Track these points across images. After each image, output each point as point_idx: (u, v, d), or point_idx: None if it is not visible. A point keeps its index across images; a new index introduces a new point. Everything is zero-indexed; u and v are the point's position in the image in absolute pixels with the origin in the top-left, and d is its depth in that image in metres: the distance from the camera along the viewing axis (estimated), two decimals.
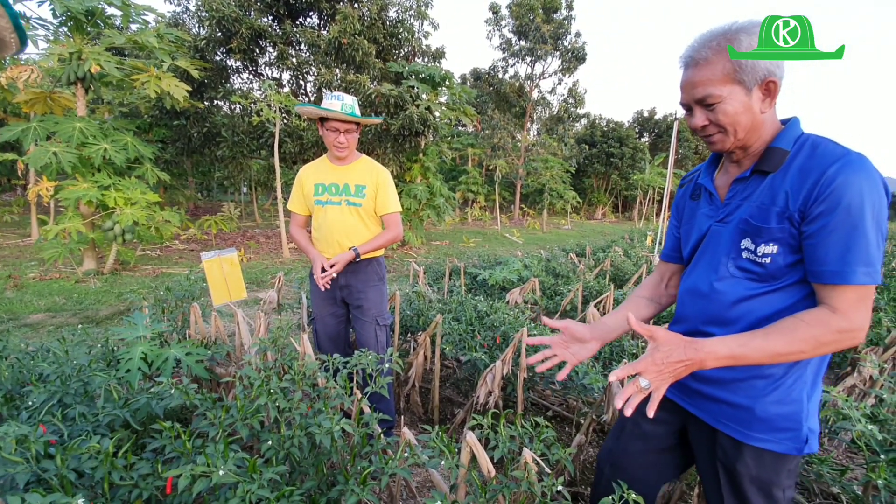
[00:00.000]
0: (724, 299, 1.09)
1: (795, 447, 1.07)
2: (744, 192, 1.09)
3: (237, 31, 10.44)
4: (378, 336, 2.43)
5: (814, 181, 0.95)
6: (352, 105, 2.26)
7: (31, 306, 5.14)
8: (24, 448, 1.10)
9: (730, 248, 1.09)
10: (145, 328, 2.17)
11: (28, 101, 6.87)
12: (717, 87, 1.00)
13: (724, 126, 1.03)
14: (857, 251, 0.92)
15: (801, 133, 1.05)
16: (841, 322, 0.93)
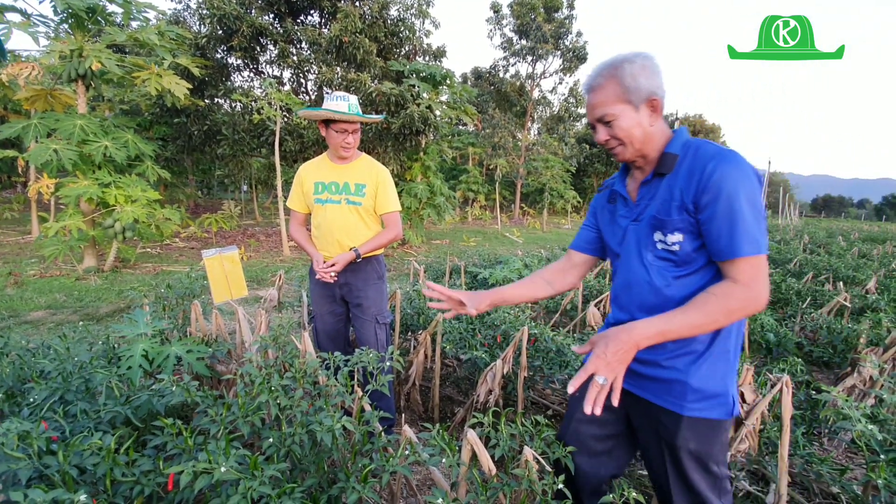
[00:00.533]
0: (652, 286, 1.25)
1: (725, 411, 1.22)
2: (649, 193, 1.28)
3: (238, 29, 10.43)
4: (378, 334, 2.42)
5: (698, 177, 1.15)
6: (356, 105, 2.26)
7: (31, 303, 5.14)
8: (26, 444, 1.10)
9: (646, 241, 1.27)
10: (146, 325, 2.17)
11: (29, 99, 6.87)
12: (611, 107, 1.22)
13: (621, 139, 1.24)
14: (740, 230, 1.10)
15: (687, 139, 1.26)
16: (742, 291, 1.10)
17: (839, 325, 3.77)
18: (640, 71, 1.20)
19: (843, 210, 79.54)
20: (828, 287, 5.50)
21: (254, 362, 1.67)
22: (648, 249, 1.26)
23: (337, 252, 2.35)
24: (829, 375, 3.65)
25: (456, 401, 3.07)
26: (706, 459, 1.23)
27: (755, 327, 3.76)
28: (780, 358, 3.49)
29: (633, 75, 1.19)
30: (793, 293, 5.11)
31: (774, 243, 10.81)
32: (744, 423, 1.70)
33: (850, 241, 12.71)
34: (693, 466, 1.22)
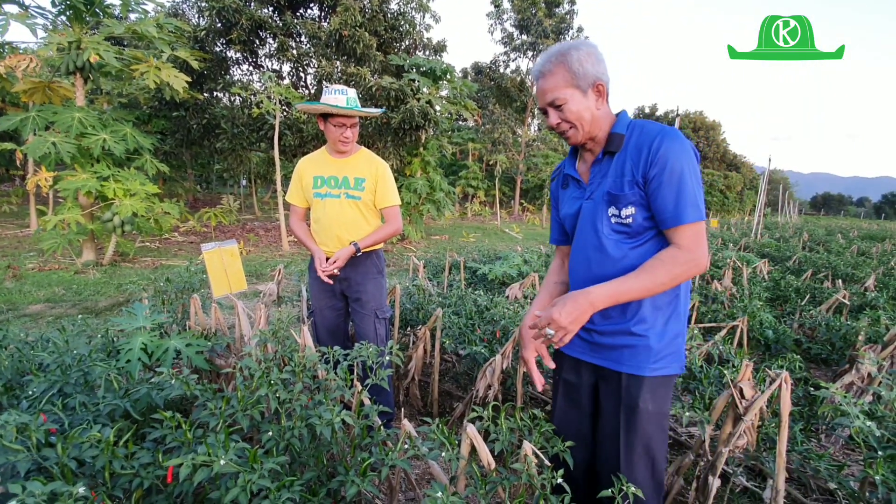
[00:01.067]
0: (609, 258, 1.34)
1: (679, 366, 1.36)
2: (600, 171, 1.36)
3: (237, 22, 10.37)
4: (377, 329, 2.42)
5: (646, 152, 1.25)
6: (355, 98, 2.24)
7: (30, 297, 5.14)
8: (24, 437, 1.10)
9: (601, 216, 1.35)
10: (145, 319, 2.17)
11: (27, 91, 6.83)
12: (561, 91, 1.29)
13: (572, 122, 1.31)
14: (684, 198, 1.21)
15: (630, 120, 1.35)
16: (685, 255, 1.21)
17: (838, 322, 3.77)
18: (585, 58, 1.27)
19: (843, 208, 79.39)
20: (827, 285, 5.51)
21: (253, 356, 1.67)
22: (604, 223, 1.34)
23: (336, 247, 2.35)
24: (827, 372, 3.65)
25: (455, 396, 3.08)
26: (662, 418, 1.36)
27: (754, 324, 3.77)
28: (779, 355, 3.50)
29: (580, 61, 1.27)
30: (792, 290, 5.12)
31: (774, 241, 10.82)
32: (742, 419, 1.70)
33: (849, 239, 12.72)
34: (649, 423, 1.34)
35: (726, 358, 2.84)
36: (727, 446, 1.70)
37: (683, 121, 36.28)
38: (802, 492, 2.20)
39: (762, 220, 14.85)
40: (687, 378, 2.36)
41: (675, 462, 1.97)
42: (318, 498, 1.24)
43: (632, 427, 1.35)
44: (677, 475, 1.94)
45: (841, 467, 1.87)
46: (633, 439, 1.34)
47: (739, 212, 38.24)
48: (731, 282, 5.25)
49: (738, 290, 4.90)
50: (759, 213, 14.06)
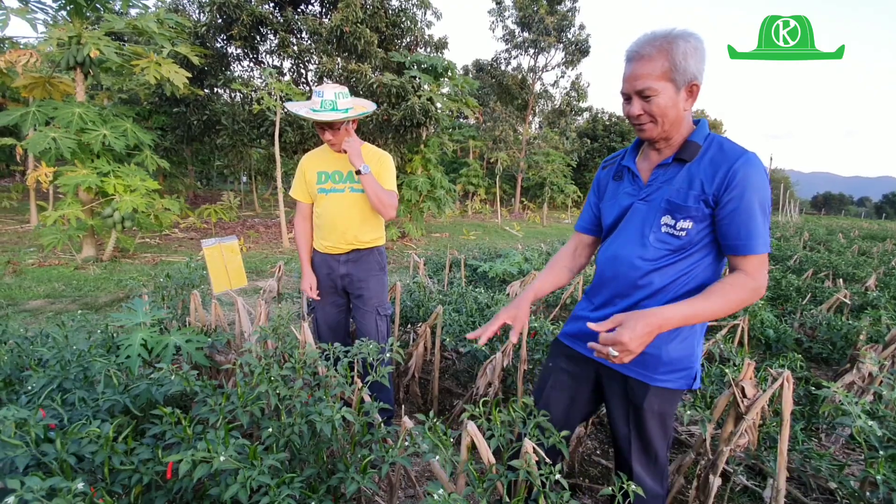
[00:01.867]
0: (643, 265, 1.30)
1: (687, 384, 1.35)
2: (664, 176, 1.30)
3: (238, 18, 10.34)
4: (379, 326, 2.41)
5: (724, 173, 1.20)
6: (333, 100, 2.15)
7: (30, 292, 5.13)
8: (23, 432, 1.09)
9: (651, 222, 1.30)
10: (145, 315, 2.16)
11: (27, 86, 6.81)
12: (655, 81, 1.19)
13: (655, 116, 1.23)
14: (756, 229, 1.19)
15: (709, 132, 1.29)
16: (753, 282, 1.20)
17: (839, 321, 3.77)
18: (692, 52, 1.18)
19: (843, 208, 79.44)
20: (827, 284, 5.50)
21: (253, 352, 1.66)
22: (653, 230, 1.29)
23: (339, 242, 2.34)
24: (828, 372, 3.65)
25: (455, 393, 3.08)
26: (665, 417, 1.37)
27: (755, 323, 3.76)
28: (780, 354, 3.49)
29: (685, 54, 1.17)
30: (793, 290, 5.11)
31: (775, 240, 10.81)
32: (744, 418, 1.69)
33: (850, 239, 12.71)
34: (654, 423, 1.36)
35: (727, 357, 2.83)
36: (728, 445, 1.70)
37: None
38: (803, 491, 2.20)
39: None
40: None
41: (676, 461, 1.96)
42: (318, 494, 1.23)
43: (635, 424, 1.37)
44: (678, 474, 1.94)
45: (842, 467, 1.87)
46: (637, 435, 1.37)
47: None
48: None
49: None
50: None
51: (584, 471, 2.32)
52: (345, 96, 2.20)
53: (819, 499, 2.16)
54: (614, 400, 1.42)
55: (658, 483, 1.41)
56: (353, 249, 2.37)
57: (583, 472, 2.31)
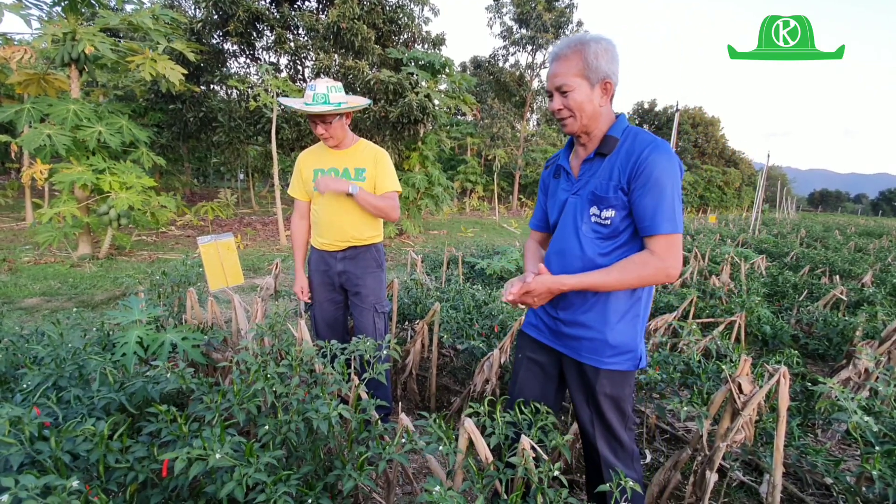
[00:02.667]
0: (584, 255, 1.41)
1: (634, 364, 1.45)
2: (590, 170, 1.42)
3: (234, 14, 10.28)
4: (376, 323, 2.41)
5: (634, 160, 1.30)
6: (325, 94, 2.15)
7: (25, 290, 5.11)
8: (17, 430, 1.08)
9: (583, 214, 1.42)
10: (141, 312, 2.15)
11: (21, 83, 6.75)
12: (571, 78, 1.32)
13: (573, 110, 1.35)
14: (662, 210, 1.27)
15: (627, 125, 1.40)
16: (657, 261, 1.29)
17: (835, 317, 3.78)
18: (602, 53, 1.31)
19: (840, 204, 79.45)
20: (824, 281, 5.52)
21: (250, 350, 1.65)
22: (584, 221, 1.41)
23: (336, 239, 2.33)
24: (824, 368, 3.67)
25: (452, 390, 3.08)
26: (619, 401, 1.45)
27: (752, 319, 3.77)
28: (776, 350, 3.50)
29: (596, 55, 1.31)
30: (789, 286, 5.13)
31: (772, 237, 10.83)
32: (740, 414, 1.70)
33: (846, 236, 12.76)
34: (609, 406, 1.44)
35: (724, 353, 2.84)
36: (725, 441, 1.70)
37: (683, 116, 36.21)
38: (799, 486, 2.21)
39: (760, 217, 14.87)
40: (685, 373, 2.36)
41: (673, 457, 1.97)
42: (315, 492, 1.23)
43: (594, 408, 1.47)
44: (675, 470, 1.94)
45: (838, 462, 1.87)
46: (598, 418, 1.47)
47: (738, 208, 38.30)
48: (729, 277, 5.26)
49: (736, 286, 4.90)
50: (757, 209, 14.07)
51: (581, 467, 2.33)
52: (338, 90, 2.20)
53: (815, 494, 2.17)
54: (574, 385, 1.52)
55: (630, 468, 1.48)
56: (350, 247, 2.36)
57: (581, 468, 2.31)
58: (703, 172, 32.65)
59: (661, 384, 2.29)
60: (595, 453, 1.50)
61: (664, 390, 2.34)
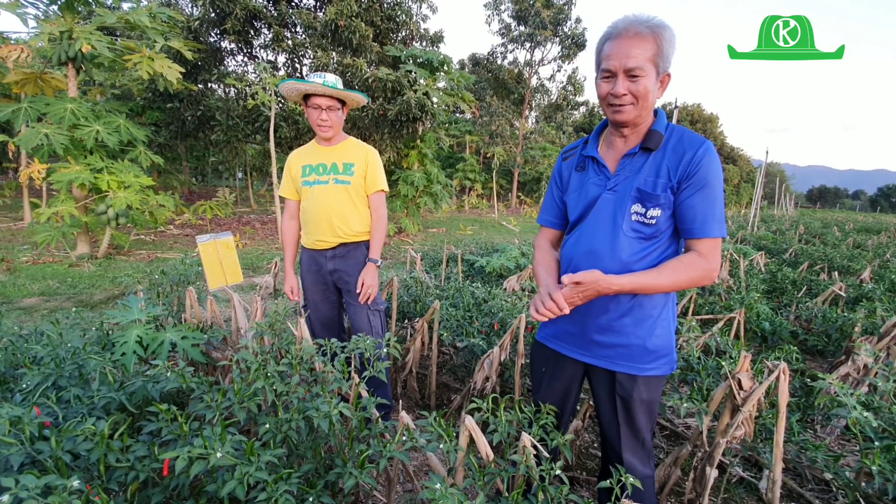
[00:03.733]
0: (620, 256, 1.31)
1: (671, 368, 1.40)
2: (632, 165, 1.31)
3: (231, 12, 10.24)
4: (372, 321, 2.39)
5: (688, 160, 1.24)
6: (334, 83, 2.19)
7: (24, 290, 5.10)
8: (18, 430, 1.08)
9: (623, 211, 1.31)
10: (140, 312, 2.15)
11: (18, 82, 6.73)
12: (645, 62, 1.20)
13: (637, 97, 1.23)
14: (714, 213, 1.25)
15: (667, 121, 1.33)
16: (704, 263, 1.25)
17: (834, 313, 3.79)
18: (672, 42, 1.22)
19: (839, 201, 79.53)
20: (823, 277, 5.53)
21: (250, 348, 1.65)
22: (624, 220, 1.30)
23: (326, 234, 2.31)
24: (823, 364, 3.67)
25: (452, 388, 3.08)
26: (652, 405, 1.41)
27: (751, 316, 3.78)
28: (776, 346, 3.51)
29: (670, 43, 1.21)
30: (788, 282, 5.14)
31: (770, 233, 10.85)
32: (740, 410, 1.70)
33: (845, 232, 12.78)
34: (642, 411, 1.40)
35: (723, 349, 2.84)
36: (725, 437, 1.70)
37: (681, 113, 36.18)
38: (798, 482, 2.21)
39: (759, 213, 14.89)
40: (684, 369, 2.36)
41: (673, 453, 1.97)
42: (316, 490, 1.23)
43: (625, 413, 1.41)
44: (674, 466, 1.95)
45: (837, 458, 1.88)
46: (627, 423, 1.42)
47: (736, 204, 38.31)
48: (728, 274, 5.26)
49: (735, 283, 4.91)
50: (756, 205, 14.09)
51: (581, 464, 2.33)
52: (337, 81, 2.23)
53: (814, 489, 2.18)
54: (602, 393, 1.44)
55: (647, 466, 1.46)
56: (340, 244, 2.34)
57: (580, 466, 2.32)
58: None
59: None
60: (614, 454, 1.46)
61: (664, 387, 2.35)
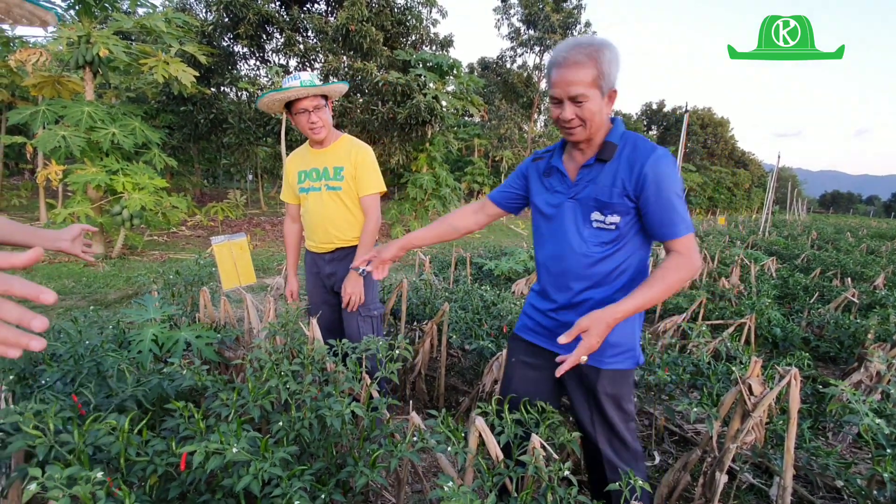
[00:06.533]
0: (586, 259, 1.41)
1: (633, 362, 1.48)
2: (589, 175, 1.40)
3: (244, 17, 10.39)
4: (361, 327, 2.32)
5: (638, 171, 1.32)
6: (310, 79, 2.10)
7: None
8: (41, 423, 1.12)
9: (584, 218, 1.41)
10: (155, 311, 2.19)
11: (36, 85, 6.88)
12: (587, 88, 1.28)
13: (585, 120, 1.31)
14: (677, 215, 1.31)
15: (623, 130, 1.40)
16: (687, 261, 1.32)
17: (847, 320, 3.75)
18: (613, 60, 1.29)
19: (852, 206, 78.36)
20: (835, 283, 5.47)
21: (263, 348, 1.68)
22: (585, 226, 1.41)
23: (323, 241, 2.31)
24: (836, 371, 3.63)
25: (460, 391, 3.09)
26: (619, 399, 1.47)
27: (762, 321, 3.75)
28: (787, 352, 3.48)
29: (610, 62, 1.28)
30: (800, 288, 5.09)
31: (782, 238, 10.73)
32: (750, 416, 1.70)
33: (858, 238, 12.60)
34: (610, 405, 1.46)
35: (734, 355, 2.82)
36: (735, 442, 1.70)
37: (692, 117, 35.98)
38: (809, 489, 2.20)
39: (770, 218, 14.73)
40: (694, 374, 2.36)
41: (682, 458, 1.97)
42: (328, 488, 1.25)
43: (595, 408, 1.48)
44: (684, 471, 1.94)
45: (849, 465, 1.86)
46: (599, 418, 1.48)
47: (747, 209, 37.94)
48: (739, 279, 5.22)
49: (746, 288, 4.87)
50: (767, 210, 13.94)
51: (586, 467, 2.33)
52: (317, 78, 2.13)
53: (825, 497, 2.16)
54: (572, 386, 1.52)
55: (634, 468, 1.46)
56: (336, 248, 2.32)
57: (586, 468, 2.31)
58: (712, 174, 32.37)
59: (670, 385, 2.29)
60: (598, 454, 1.51)
61: (673, 392, 2.34)
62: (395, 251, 1.66)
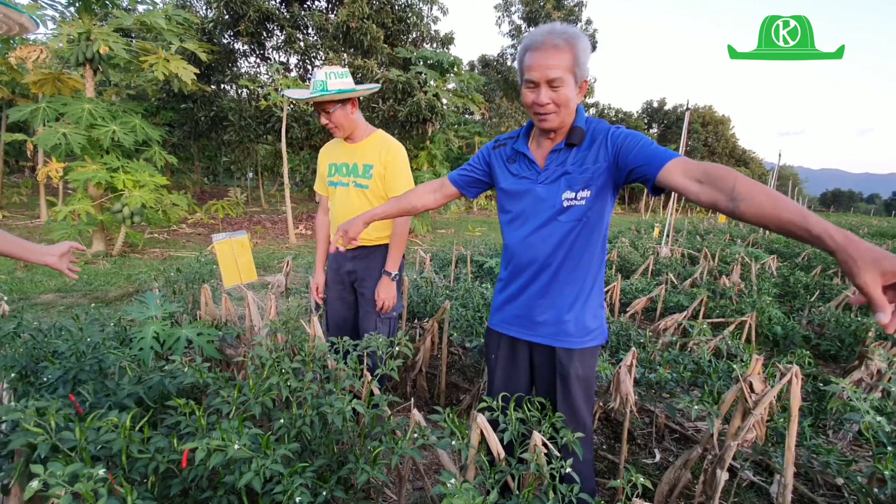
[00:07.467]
0: (552, 241, 1.43)
1: (603, 338, 1.53)
2: (558, 159, 1.42)
3: (245, 14, 10.36)
4: (379, 328, 2.32)
5: (611, 141, 1.34)
6: (323, 81, 2.04)
7: (41, 286, 5.20)
8: (43, 420, 1.12)
9: (554, 201, 1.41)
10: (157, 308, 2.19)
11: (37, 82, 6.87)
12: (564, 73, 1.28)
13: (559, 105, 1.32)
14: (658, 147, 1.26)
15: (586, 116, 1.44)
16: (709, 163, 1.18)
17: (847, 318, 3.74)
18: (587, 50, 1.31)
19: (853, 205, 78.28)
20: (836, 281, 5.47)
21: (264, 345, 1.68)
22: (556, 208, 1.41)
23: None
24: (836, 369, 3.63)
25: (461, 388, 3.09)
26: (588, 381, 1.51)
27: (762, 319, 3.75)
28: (787, 351, 3.48)
29: (584, 51, 1.30)
30: (801, 286, 5.08)
31: (783, 237, 10.72)
32: (751, 413, 1.69)
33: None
34: (578, 388, 1.49)
35: (734, 353, 2.83)
36: (735, 440, 1.70)
37: (693, 115, 35.89)
38: (810, 487, 2.20)
39: None
40: (695, 372, 2.36)
41: (683, 455, 1.97)
42: (329, 484, 1.25)
43: (563, 391, 1.50)
44: (684, 468, 1.94)
45: (849, 463, 1.87)
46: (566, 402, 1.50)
47: None
48: (740, 277, 5.22)
49: (747, 286, 4.87)
50: None
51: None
52: (339, 77, 2.08)
53: (826, 495, 2.16)
54: (542, 370, 1.55)
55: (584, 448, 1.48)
56: (359, 246, 2.31)
57: None
58: None
59: (671, 383, 2.29)
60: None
61: (674, 389, 2.34)
62: (360, 226, 1.67)
